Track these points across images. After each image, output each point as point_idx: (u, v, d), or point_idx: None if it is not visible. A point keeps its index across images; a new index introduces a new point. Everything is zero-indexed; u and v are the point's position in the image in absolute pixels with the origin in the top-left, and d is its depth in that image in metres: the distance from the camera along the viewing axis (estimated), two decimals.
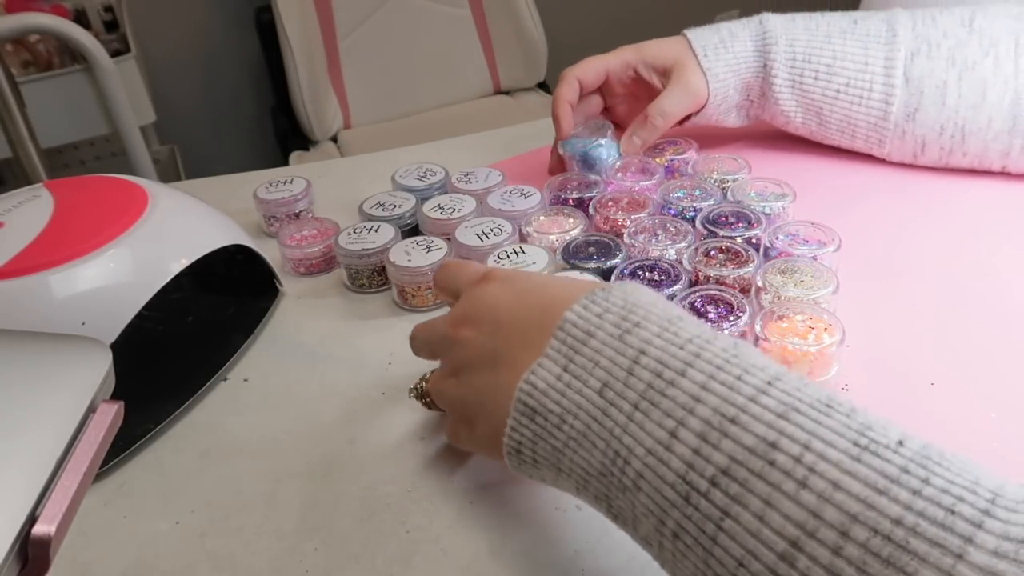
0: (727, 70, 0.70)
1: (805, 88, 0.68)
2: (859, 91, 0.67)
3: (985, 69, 0.63)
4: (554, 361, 0.36)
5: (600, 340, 0.36)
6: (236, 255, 0.60)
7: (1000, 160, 0.66)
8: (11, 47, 1.58)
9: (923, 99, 0.65)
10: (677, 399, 0.32)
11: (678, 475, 0.31)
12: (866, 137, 0.69)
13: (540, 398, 0.36)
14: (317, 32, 1.83)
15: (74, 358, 0.29)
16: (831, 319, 0.50)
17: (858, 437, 0.29)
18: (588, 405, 0.35)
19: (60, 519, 0.24)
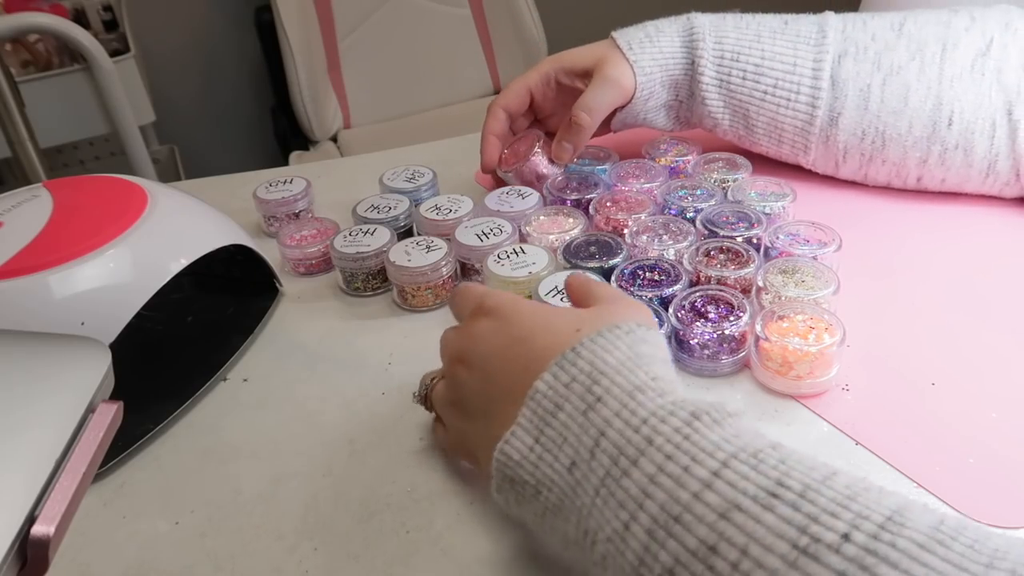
0: (653, 64, 0.67)
1: (733, 88, 0.66)
2: (786, 93, 0.65)
3: (909, 74, 0.62)
4: (527, 431, 0.37)
5: (567, 414, 0.36)
6: (236, 255, 0.60)
7: (917, 170, 0.65)
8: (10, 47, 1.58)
9: (847, 103, 0.63)
10: (630, 491, 0.33)
11: (633, 566, 0.32)
12: (792, 142, 0.67)
13: (515, 468, 0.37)
14: (317, 32, 1.83)
15: (73, 358, 0.29)
16: (831, 319, 0.50)
17: (798, 536, 0.28)
18: (560, 481, 0.36)
19: (59, 519, 0.24)
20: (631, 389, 0.36)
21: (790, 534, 0.29)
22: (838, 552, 0.28)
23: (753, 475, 0.31)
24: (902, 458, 0.45)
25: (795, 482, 0.30)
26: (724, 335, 0.51)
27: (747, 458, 0.32)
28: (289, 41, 1.73)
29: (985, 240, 0.62)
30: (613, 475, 0.34)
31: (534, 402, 0.37)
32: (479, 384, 0.42)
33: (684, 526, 0.31)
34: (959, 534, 0.28)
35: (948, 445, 0.45)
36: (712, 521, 0.30)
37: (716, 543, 0.30)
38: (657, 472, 0.32)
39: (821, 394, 0.49)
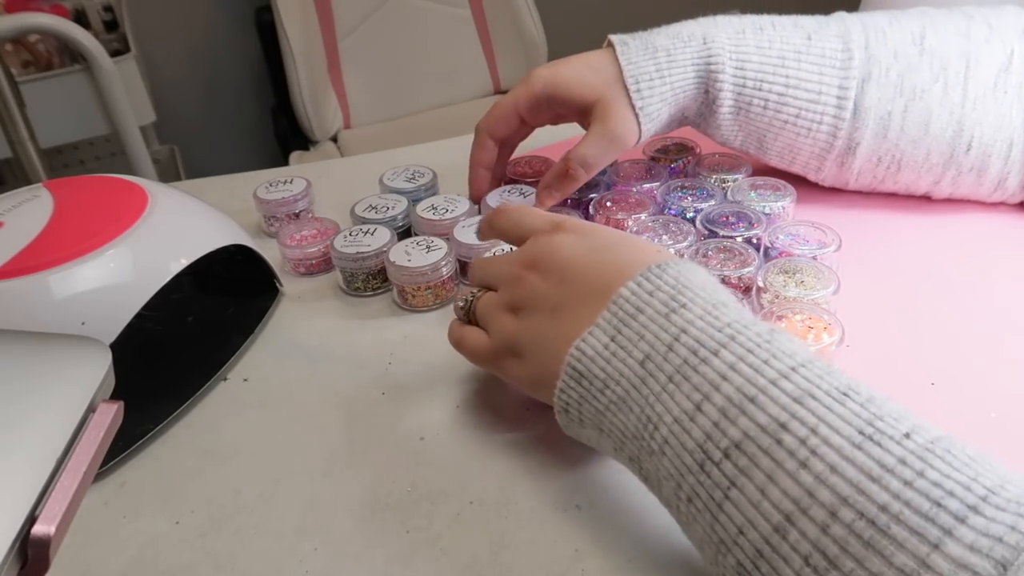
0: (662, 104, 0.60)
1: (752, 117, 0.62)
2: (808, 123, 0.61)
3: (932, 98, 0.59)
4: (604, 331, 0.39)
5: (648, 316, 0.38)
6: (236, 255, 0.60)
7: (927, 187, 0.64)
8: (11, 47, 1.58)
9: (866, 132, 0.60)
10: (707, 375, 0.35)
11: (697, 444, 0.34)
12: (804, 164, 0.65)
13: (588, 364, 0.39)
14: (317, 32, 1.83)
15: (74, 358, 0.29)
16: (830, 319, 0.50)
17: (864, 426, 0.31)
18: (630, 373, 0.38)
19: (60, 519, 0.24)
20: (715, 302, 0.38)
21: (857, 422, 0.31)
22: (899, 443, 0.30)
23: (827, 376, 0.33)
24: None
25: (864, 390, 0.33)
26: None
27: (821, 366, 0.34)
28: (289, 41, 1.73)
29: (985, 240, 0.62)
30: (690, 363, 0.35)
31: (616, 305, 0.39)
32: (552, 287, 0.43)
33: (758, 405, 0.33)
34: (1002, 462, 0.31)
35: None
36: (786, 403, 0.32)
37: (787, 421, 0.32)
38: (737, 361, 0.34)
39: None
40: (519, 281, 0.45)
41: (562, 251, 0.43)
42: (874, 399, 0.33)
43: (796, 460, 0.31)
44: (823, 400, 0.32)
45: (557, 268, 0.43)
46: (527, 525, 0.44)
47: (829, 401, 0.32)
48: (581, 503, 0.44)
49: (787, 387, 0.33)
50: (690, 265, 0.40)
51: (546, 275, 0.43)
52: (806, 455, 0.31)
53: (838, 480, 0.30)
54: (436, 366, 0.54)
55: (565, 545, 0.42)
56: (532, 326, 0.43)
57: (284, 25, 1.73)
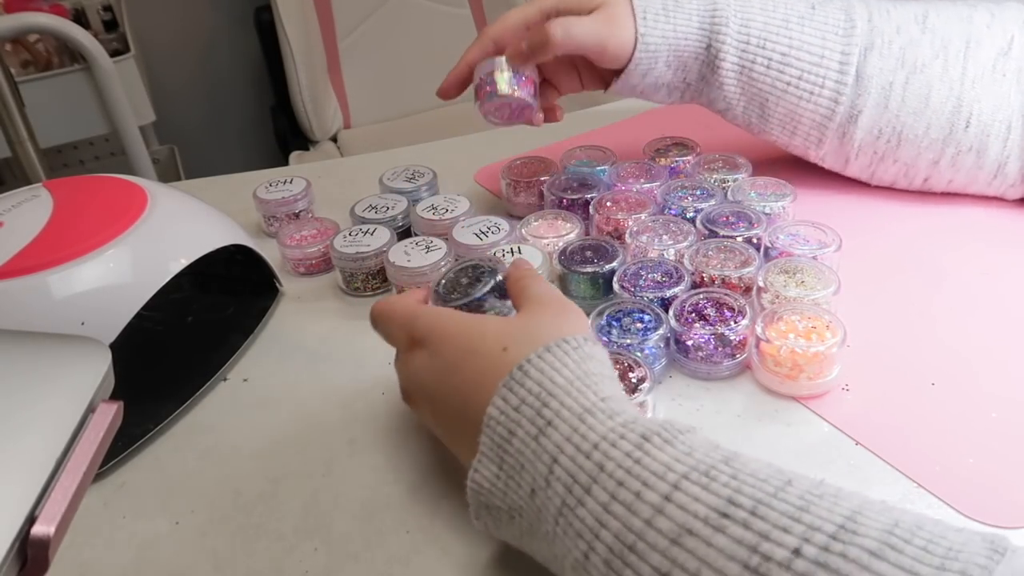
0: (662, 42, 0.61)
1: (755, 77, 0.62)
2: (810, 86, 0.61)
3: (932, 72, 0.60)
4: (490, 459, 0.37)
5: (521, 440, 0.36)
6: (236, 255, 0.60)
7: (926, 170, 0.64)
8: (10, 47, 1.58)
9: (868, 100, 0.61)
10: (585, 521, 0.33)
11: None
12: (806, 135, 0.64)
13: (488, 496, 0.38)
14: (317, 32, 1.83)
15: (73, 358, 0.29)
16: (831, 319, 0.50)
17: (749, 556, 0.29)
18: (525, 508, 0.36)
19: (59, 519, 0.24)
20: (581, 412, 0.35)
21: (741, 555, 0.29)
22: (789, 568, 0.28)
23: (704, 495, 0.31)
24: (902, 458, 0.45)
25: (746, 499, 0.30)
26: (722, 337, 0.51)
27: (698, 477, 0.32)
28: (289, 41, 1.73)
29: (985, 240, 0.62)
30: (569, 504, 0.34)
31: (489, 428, 0.37)
32: (432, 417, 0.43)
33: (638, 555, 0.31)
34: (913, 536, 0.28)
35: (948, 445, 0.45)
36: (664, 547, 0.30)
37: (669, 570, 0.30)
38: (610, 500, 0.32)
39: (822, 395, 0.49)
40: (414, 409, 0.46)
41: (420, 377, 0.42)
42: (759, 505, 0.30)
43: None
44: (701, 534, 0.30)
45: (425, 399, 0.43)
46: None
47: (708, 533, 0.30)
48: None
49: (663, 526, 0.31)
50: (553, 353, 0.38)
51: (421, 406, 0.44)
52: None
53: None
54: None
55: None
56: (446, 441, 0.44)
57: (284, 25, 1.73)
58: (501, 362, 0.38)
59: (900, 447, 0.46)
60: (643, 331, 0.51)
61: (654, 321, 0.52)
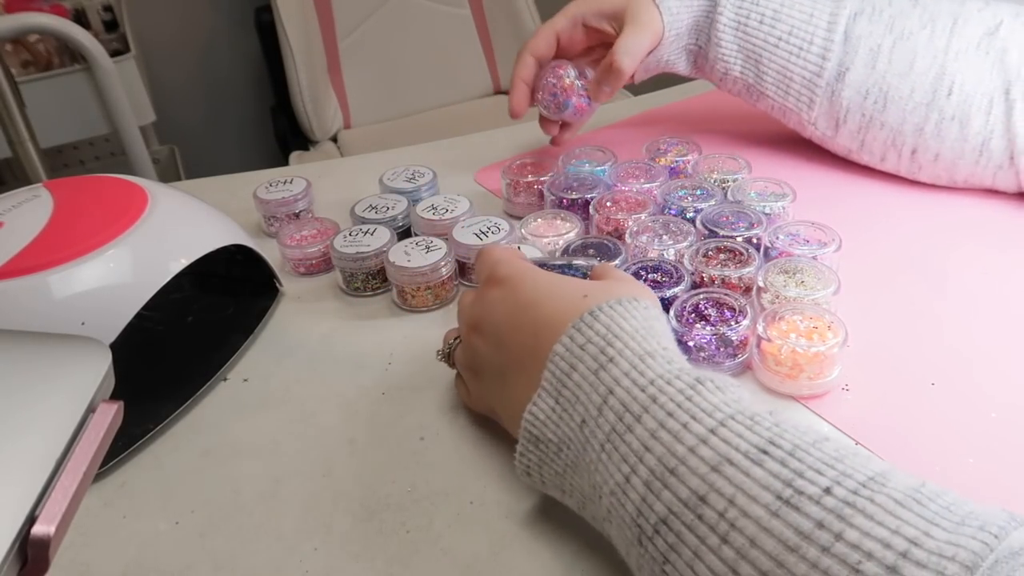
0: (680, 4, 0.69)
1: (749, 31, 0.68)
2: (799, 42, 0.67)
3: (919, 41, 0.64)
4: (548, 393, 0.39)
5: (580, 374, 0.38)
6: (236, 255, 0.60)
7: (913, 139, 0.66)
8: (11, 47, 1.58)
9: (856, 59, 0.65)
10: (631, 445, 0.35)
11: (632, 518, 0.34)
12: (798, 94, 0.69)
13: (541, 428, 0.40)
14: (317, 32, 1.83)
15: (74, 358, 0.29)
16: (833, 319, 0.50)
17: (782, 489, 0.30)
18: (574, 437, 0.38)
19: (60, 519, 0.24)
20: (642, 353, 0.38)
21: (775, 486, 0.31)
22: (818, 503, 0.29)
23: (747, 434, 0.33)
24: (902, 458, 0.45)
25: (786, 442, 0.32)
26: (723, 338, 0.51)
27: (743, 419, 0.33)
28: (289, 41, 1.73)
29: (985, 240, 0.62)
30: (618, 431, 0.35)
31: (553, 364, 0.39)
32: (492, 351, 0.44)
33: (679, 477, 0.32)
34: (938, 496, 0.29)
35: (948, 445, 0.45)
36: (704, 473, 0.32)
37: (706, 493, 0.32)
38: (658, 428, 0.34)
39: (822, 395, 0.49)
40: (468, 345, 0.47)
41: (493, 313, 0.44)
42: (797, 449, 0.32)
43: (717, 535, 0.31)
44: (740, 464, 0.32)
45: (492, 331, 0.44)
46: (527, 525, 0.44)
47: (747, 464, 0.31)
48: None
49: (705, 454, 0.32)
50: (624, 306, 0.40)
51: (484, 337, 0.45)
52: (726, 529, 0.31)
53: (758, 554, 0.30)
54: (436, 366, 0.54)
55: (565, 545, 0.42)
56: (491, 390, 0.45)
57: (284, 25, 1.73)
58: (579, 305, 0.41)
59: (900, 447, 0.46)
60: None
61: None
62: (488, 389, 0.46)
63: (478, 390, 0.47)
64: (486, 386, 0.46)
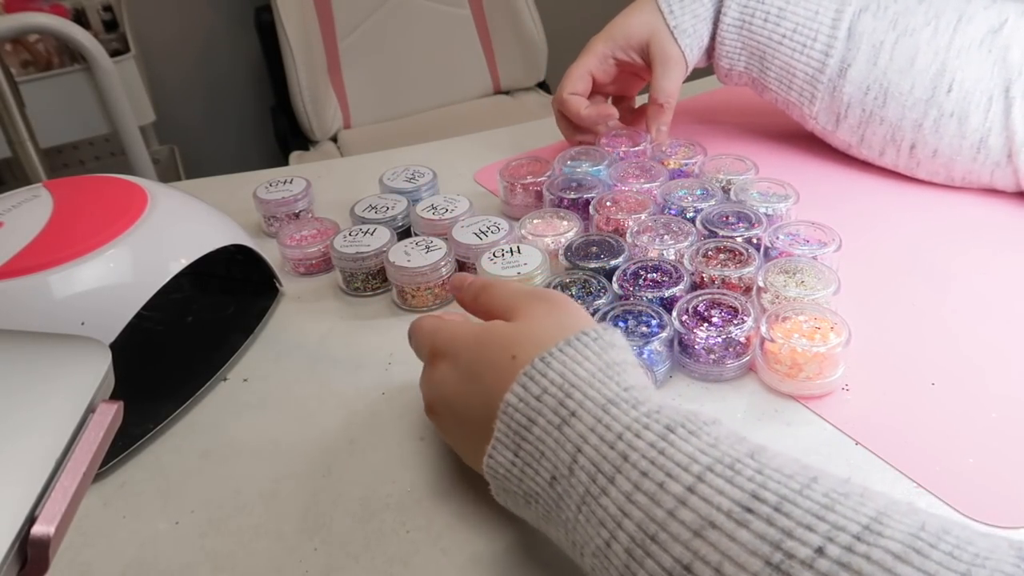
0: (695, 20, 0.71)
1: (753, 29, 0.70)
2: (803, 39, 0.68)
3: (921, 37, 0.64)
4: (505, 446, 0.38)
5: (542, 428, 0.37)
6: (236, 255, 0.60)
7: (912, 134, 0.66)
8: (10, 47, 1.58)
9: (858, 55, 0.66)
10: (608, 510, 0.33)
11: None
12: (800, 89, 0.70)
13: (504, 481, 0.39)
14: (317, 32, 1.83)
15: (73, 358, 0.29)
16: (836, 319, 0.50)
17: (771, 553, 0.28)
18: (544, 494, 0.37)
19: (59, 519, 0.24)
20: (604, 403, 0.36)
21: (763, 551, 0.29)
22: (812, 567, 0.27)
23: (728, 488, 0.31)
24: (902, 458, 0.45)
25: (771, 494, 0.30)
26: (730, 339, 0.51)
27: (723, 470, 0.31)
28: (289, 41, 1.73)
29: (986, 240, 0.62)
30: (592, 493, 0.34)
31: (507, 416, 0.38)
32: (454, 426, 0.44)
33: (660, 545, 0.31)
34: (940, 540, 0.27)
35: (948, 445, 0.45)
36: (687, 539, 0.30)
37: (691, 562, 0.30)
38: (633, 490, 0.32)
39: (824, 395, 0.49)
40: (434, 421, 0.46)
41: (443, 389, 0.43)
42: (784, 502, 0.30)
43: None
44: (724, 528, 0.30)
45: (447, 408, 0.43)
46: (527, 525, 0.43)
47: (731, 527, 0.29)
48: None
49: (686, 517, 0.30)
50: (574, 347, 0.38)
51: (443, 415, 0.44)
52: None
53: None
54: None
55: None
56: (471, 460, 0.44)
57: (284, 25, 1.73)
58: (512, 369, 0.39)
59: (900, 447, 0.46)
60: (647, 335, 0.51)
61: (658, 327, 0.51)
62: (464, 454, 0.45)
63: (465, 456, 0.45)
64: (467, 457, 0.44)
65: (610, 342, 0.39)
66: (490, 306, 0.45)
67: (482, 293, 0.46)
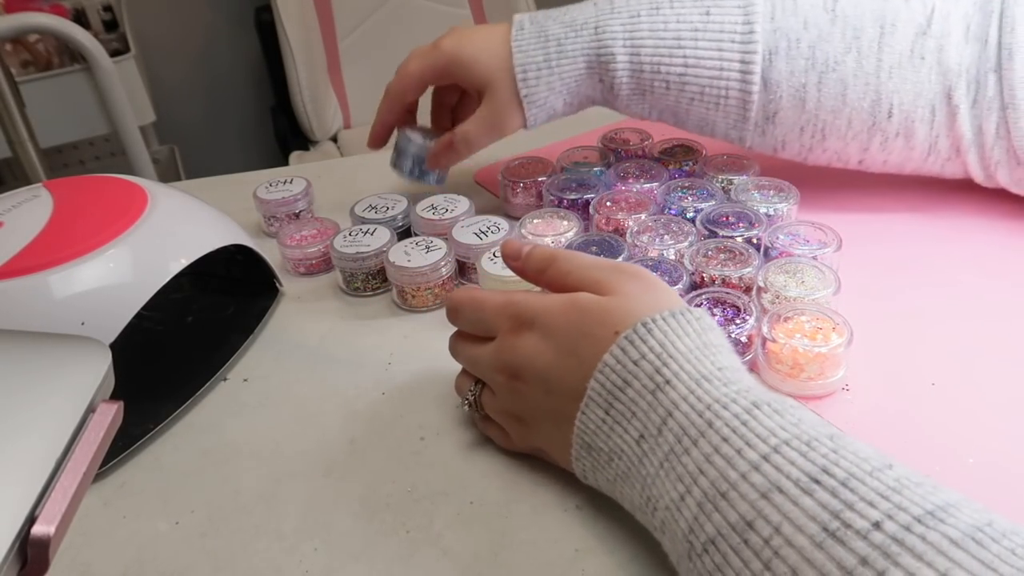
0: (550, 93, 0.63)
1: (656, 96, 0.62)
2: (714, 97, 0.61)
3: (846, 69, 0.58)
4: (597, 404, 0.40)
5: (636, 391, 0.38)
6: (236, 255, 0.60)
7: (858, 155, 0.63)
8: (11, 47, 1.58)
9: (781, 103, 0.60)
10: (688, 467, 0.35)
11: (684, 534, 0.35)
12: (725, 135, 0.64)
13: (591, 437, 0.40)
14: (317, 32, 1.83)
15: (73, 358, 0.29)
16: (838, 319, 0.50)
17: (829, 520, 0.30)
18: (629, 450, 0.39)
19: (59, 519, 0.24)
20: (698, 377, 0.37)
21: (822, 517, 0.30)
22: (865, 538, 0.29)
23: (800, 460, 0.32)
24: (902, 458, 0.45)
25: (840, 470, 0.31)
26: (730, 338, 0.51)
27: (798, 445, 0.33)
28: (289, 41, 1.73)
29: (985, 240, 0.62)
30: (676, 451, 0.36)
31: (602, 375, 0.39)
32: (541, 396, 0.43)
33: (729, 502, 0.33)
34: (1004, 536, 0.28)
35: (948, 445, 0.45)
36: (753, 499, 0.32)
37: (754, 519, 0.32)
38: (712, 452, 0.34)
39: (825, 395, 0.49)
40: (511, 392, 0.45)
41: (535, 361, 0.43)
42: (851, 478, 0.31)
43: (760, 562, 0.31)
44: (790, 493, 0.31)
45: (538, 378, 0.43)
46: (527, 525, 0.44)
47: (796, 493, 0.31)
48: (581, 503, 0.44)
49: (756, 480, 0.32)
50: (677, 320, 0.39)
51: (531, 385, 0.43)
52: (769, 556, 0.31)
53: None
54: (436, 366, 0.54)
55: (565, 545, 0.42)
56: (542, 433, 0.44)
57: (284, 25, 1.73)
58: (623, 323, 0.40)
59: (900, 447, 0.46)
60: None
61: None
62: (539, 431, 0.45)
63: (524, 433, 0.46)
64: (535, 429, 0.45)
65: (709, 325, 0.41)
66: (567, 280, 0.44)
67: (553, 265, 0.45)
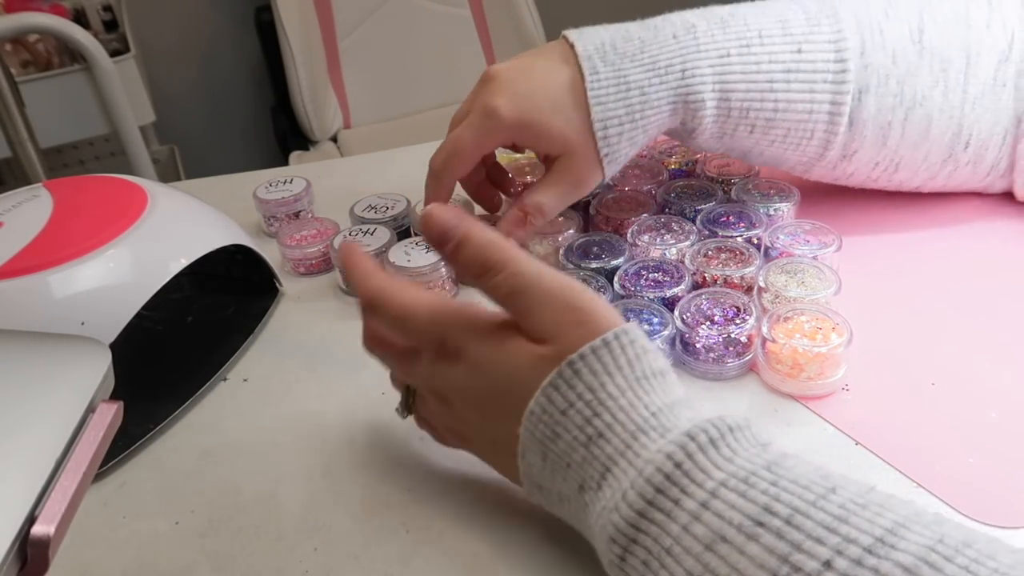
0: (631, 147, 0.56)
1: (737, 139, 0.58)
2: (798, 139, 0.57)
3: (933, 104, 0.57)
4: (532, 451, 0.38)
5: (567, 443, 0.36)
6: (236, 255, 0.60)
7: (921, 183, 0.62)
8: (10, 47, 1.58)
9: (864, 141, 0.58)
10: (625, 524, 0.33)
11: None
12: (791, 169, 0.61)
13: (537, 478, 0.39)
14: (317, 32, 1.83)
15: (73, 358, 0.29)
16: (837, 319, 0.50)
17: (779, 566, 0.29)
18: (573, 497, 0.37)
19: (59, 519, 0.24)
20: (634, 430, 0.35)
21: (771, 564, 0.29)
22: None
23: (740, 503, 0.31)
24: (902, 458, 0.45)
25: (783, 506, 0.30)
26: (730, 338, 0.51)
27: (736, 484, 0.32)
28: (289, 41, 1.73)
29: (985, 240, 0.62)
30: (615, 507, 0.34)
31: (530, 424, 0.37)
32: (478, 423, 0.42)
33: (674, 558, 0.32)
34: (958, 553, 0.27)
35: (948, 445, 0.45)
36: (698, 552, 0.31)
37: (702, 574, 0.30)
38: (647, 507, 0.33)
39: (825, 396, 0.49)
40: (445, 411, 0.43)
41: (465, 396, 0.41)
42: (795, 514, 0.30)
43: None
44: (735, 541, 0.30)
45: (472, 410, 0.41)
46: (527, 525, 0.43)
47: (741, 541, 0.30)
48: None
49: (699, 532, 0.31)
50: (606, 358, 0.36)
51: (467, 413, 0.42)
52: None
53: None
54: None
55: (565, 545, 0.42)
56: (487, 457, 0.43)
57: (284, 25, 1.73)
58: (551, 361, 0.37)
59: (900, 447, 0.46)
60: (649, 333, 0.51)
61: (660, 325, 0.51)
62: (483, 454, 0.43)
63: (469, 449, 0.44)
64: (480, 450, 0.43)
65: (643, 348, 0.37)
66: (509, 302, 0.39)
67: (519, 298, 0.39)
